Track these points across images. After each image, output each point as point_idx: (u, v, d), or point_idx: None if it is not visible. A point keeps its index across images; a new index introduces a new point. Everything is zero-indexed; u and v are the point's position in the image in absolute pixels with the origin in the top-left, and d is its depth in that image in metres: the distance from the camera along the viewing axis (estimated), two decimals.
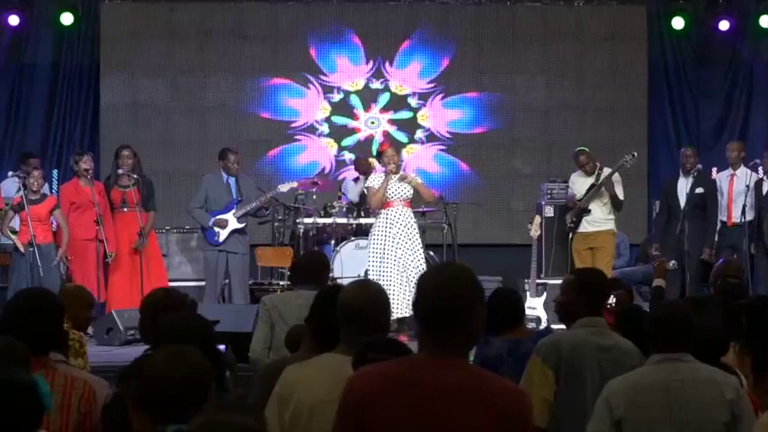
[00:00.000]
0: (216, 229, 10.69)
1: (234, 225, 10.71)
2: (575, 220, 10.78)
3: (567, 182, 11.16)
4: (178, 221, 11.84)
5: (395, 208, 10.03)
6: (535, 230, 10.91)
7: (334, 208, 11.67)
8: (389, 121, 13.62)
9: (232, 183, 10.86)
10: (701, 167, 11.08)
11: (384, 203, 10.03)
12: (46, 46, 13.27)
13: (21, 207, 10.05)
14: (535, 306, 10.39)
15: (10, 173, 11.13)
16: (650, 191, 13.26)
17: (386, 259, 9.92)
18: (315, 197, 11.90)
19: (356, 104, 13.61)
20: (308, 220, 11.56)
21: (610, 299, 5.89)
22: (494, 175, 13.59)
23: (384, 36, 13.61)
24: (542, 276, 10.85)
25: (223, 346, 5.24)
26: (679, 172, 11.12)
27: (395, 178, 10.00)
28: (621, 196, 10.75)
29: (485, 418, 2.82)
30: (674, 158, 12.37)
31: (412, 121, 13.63)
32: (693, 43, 13.76)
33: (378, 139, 13.37)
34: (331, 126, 13.58)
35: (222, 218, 10.69)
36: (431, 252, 11.81)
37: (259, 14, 13.55)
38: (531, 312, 10.13)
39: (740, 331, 5.12)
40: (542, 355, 4.62)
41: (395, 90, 13.64)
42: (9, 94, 13.20)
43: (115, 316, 9.77)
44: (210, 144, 12.68)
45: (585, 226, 10.74)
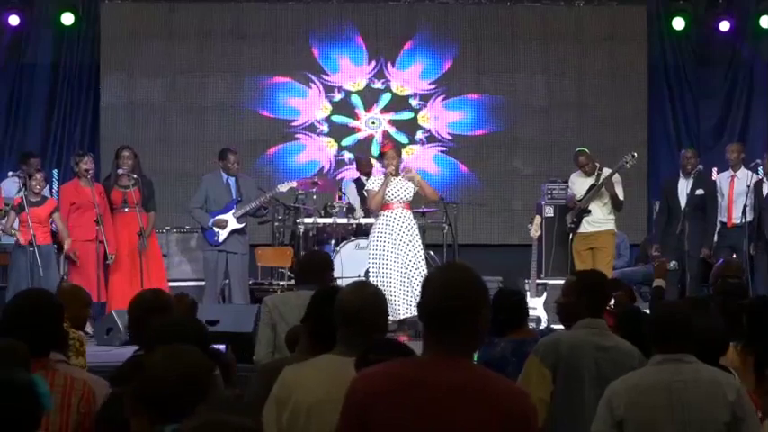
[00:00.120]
0: (215, 230, 10.69)
1: (233, 225, 10.70)
2: (575, 220, 10.78)
3: (567, 182, 11.16)
4: (178, 221, 11.83)
5: (394, 210, 9.99)
6: (535, 231, 10.91)
7: (334, 208, 11.66)
8: (390, 122, 13.62)
9: (232, 183, 10.86)
10: (701, 168, 11.07)
11: (384, 205, 9.99)
12: (46, 46, 13.27)
13: (21, 208, 10.04)
14: (535, 306, 10.38)
15: (10, 173, 11.12)
16: (650, 191, 13.25)
17: (385, 261, 9.89)
18: (315, 197, 11.90)
19: (357, 104, 13.61)
20: (309, 220, 11.56)
21: (610, 300, 5.90)
22: (494, 175, 13.58)
23: (384, 37, 13.60)
24: (542, 276, 10.85)
25: (223, 346, 5.24)
26: (679, 173, 11.12)
27: (395, 179, 9.99)
28: (621, 196, 10.75)
29: (489, 418, 2.82)
30: (675, 159, 12.37)
31: (412, 121, 13.63)
32: (693, 43, 13.75)
33: (377, 140, 13.36)
34: (331, 125, 13.58)
35: (222, 218, 10.69)
36: (431, 252, 11.80)
37: (258, 15, 13.55)
38: (532, 312, 10.06)
39: (740, 331, 5.12)
40: (540, 355, 4.63)
41: (396, 91, 13.64)
42: (9, 94, 13.20)
43: (115, 316, 9.75)
44: (210, 144, 12.68)
45: (586, 226, 10.73)
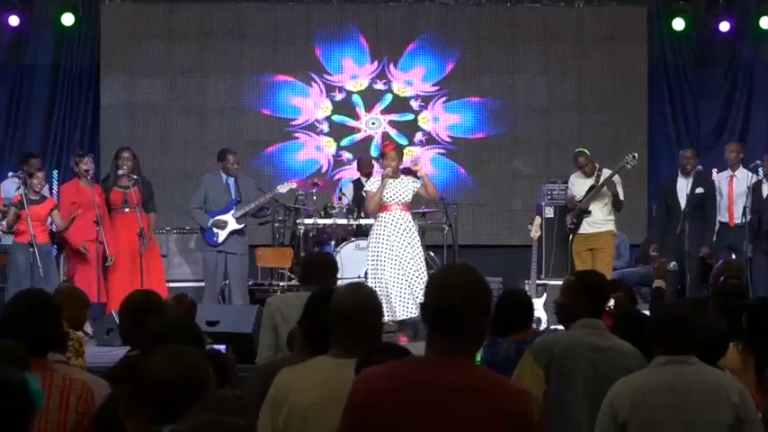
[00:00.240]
0: (215, 230, 10.68)
1: (233, 226, 10.69)
2: (575, 221, 10.77)
3: (567, 183, 11.15)
4: (178, 222, 11.82)
5: (392, 212, 9.92)
6: (535, 231, 10.91)
7: (334, 209, 11.66)
8: (390, 123, 13.61)
9: (231, 183, 10.85)
10: (701, 168, 11.08)
11: (381, 207, 9.93)
12: (46, 46, 13.27)
13: (21, 205, 10.04)
14: (536, 307, 10.36)
15: (10, 173, 11.11)
16: (650, 191, 13.25)
17: (383, 263, 9.83)
18: (315, 198, 11.90)
19: (358, 105, 13.60)
20: (309, 220, 11.55)
21: (609, 301, 5.89)
22: (494, 175, 13.58)
23: (384, 38, 13.59)
24: (542, 277, 10.85)
25: (223, 346, 5.24)
26: (678, 172, 11.13)
27: (393, 181, 9.94)
28: (622, 197, 10.75)
29: (490, 418, 2.82)
30: (675, 159, 12.34)
31: (412, 123, 13.62)
32: (694, 44, 13.75)
33: (377, 140, 13.36)
34: (331, 125, 13.57)
35: (221, 219, 10.68)
36: (431, 253, 11.80)
37: (259, 15, 13.54)
38: None
39: (740, 331, 5.11)
40: (534, 354, 4.62)
41: (397, 92, 13.63)
42: (9, 94, 13.19)
43: (115, 317, 9.70)
44: (210, 145, 12.66)
45: (585, 227, 10.73)
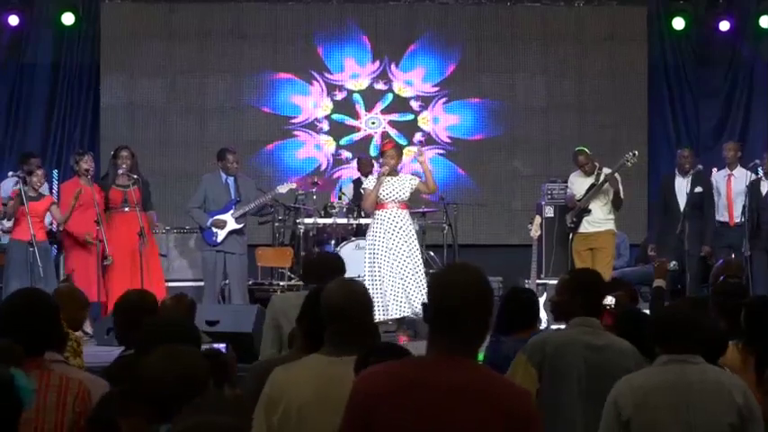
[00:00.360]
0: (214, 230, 10.68)
1: (232, 225, 10.69)
2: (575, 220, 10.77)
3: (567, 182, 11.14)
4: (178, 222, 11.82)
5: (388, 210, 9.90)
6: (535, 231, 10.90)
7: (334, 208, 11.66)
8: (390, 123, 13.60)
9: (231, 183, 10.85)
10: (701, 168, 11.09)
11: (378, 205, 9.91)
12: (46, 46, 13.28)
13: (20, 201, 10.05)
14: None
15: (10, 173, 11.11)
16: (650, 191, 13.26)
17: (379, 261, 9.80)
18: (315, 197, 11.90)
19: (359, 104, 13.60)
20: (309, 220, 11.56)
21: (609, 300, 5.88)
22: (494, 175, 13.58)
23: (384, 38, 13.58)
24: (542, 277, 10.84)
25: (223, 345, 5.24)
26: (675, 171, 11.15)
27: (391, 179, 9.93)
28: (622, 194, 10.75)
29: (490, 418, 2.82)
30: (674, 159, 12.32)
31: (412, 123, 13.61)
32: (694, 43, 13.75)
33: (376, 140, 13.35)
34: (331, 124, 13.57)
35: (220, 218, 10.68)
36: (431, 252, 11.81)
37: (259, 15, 13.55)
38: None
39: (740, 330, 5.11)
40: (527, 353, 4.60)
41: (398, 92, 13.63)
42: (9, 94, 13.20)
43: (114, 316, 9.71)
44: (210, 144, 12.66)
45: (586, 226, 10.72)
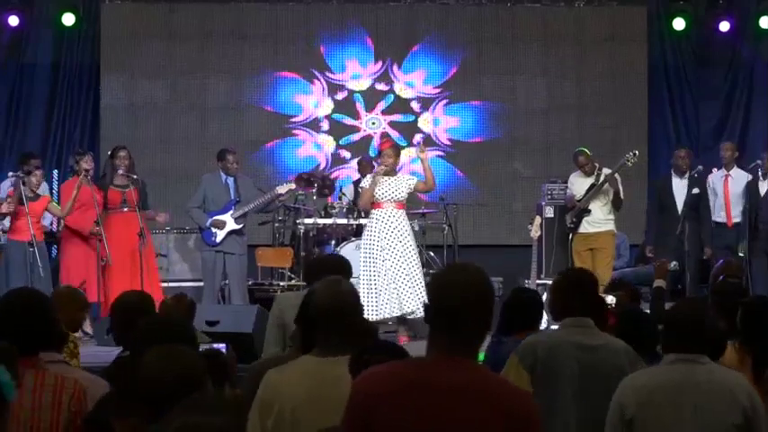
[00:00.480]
0: (213, 230, 10.69)
1: (231, 226, 10.69)
2: (575, 220, 10.77)
3: (567, 182, 11.14)
4: (178, 222, 11.81)
5: (384, 209, 9.88)
6: (535, 231, 10.90)
7: (334, 208, 11.66)
8: (390, 124, 13.60)
9: (231, 183, 10.85)
10: (701, 168, 11.11)
11: (374, 204, 9.91)
12: (46, 46, 13.27)
13: (20, 201, 10.05)
14: None
15: (10, 173, 11.10)
16: (650, 192, 13.22)
17: (374, 260, 9.76)
18: (315, 198, 11.90)
19: (360, 104, 13.59)
20: (309, 220, 11.55)
21: (609, 300, 5.88)
22: (494, 176, 13.57)
23: (385, 39, 13.57)
24: (542, 277, 10.83)
25: (223, 345, 5.24)
26: (671, 172, 11.18)
27: (389, 178, 9.90)
28: (622, 195, 10.75)
29: (490, 418, 2.82)
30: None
31: (412, 125, 13.60)
32: (694, 44, 13.75)
33: (375, 141, 13.34)
34: (332, 123, 13.56)
35: (220, 218, 10.68)
36: (431, 253, 11.80)
37: (259, 15, 13.54)
38: None
39: (737, 330, 5.10)
40: (519, 355, 4.57)
41: (399, 93, 13.62)
42: (9, 94, 13.19)
43: (112, 316, 9.70)
44: (210, 144, 12.66)
45: (586, 227, 10.72)
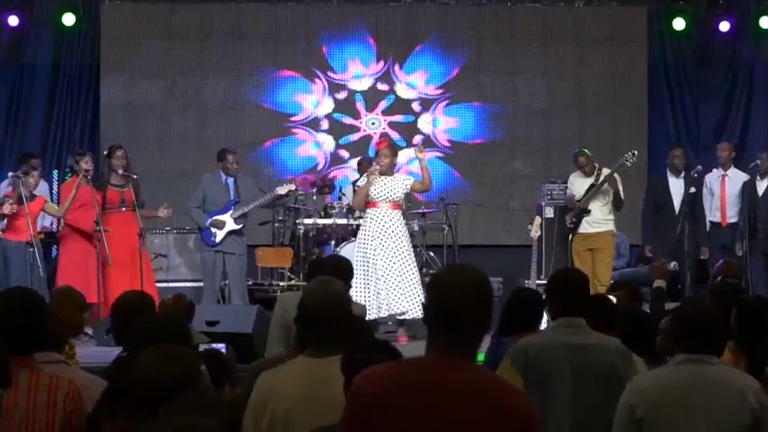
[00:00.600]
0: (213, 230, 10.69)
1: (231, 226, 10.69)
2: (575, 220, 10.77)
3: (567, 183, 11.14)
4: (178, 222, 11.81)
5: (379, 209, 9.87)
6: (535, 231, 10.89)
7: (334, 209, 11.66)
8: (390, 124, 13.59)
9: (230, 183, 10.85)
10: (701, 168, 11.13)
11: (369, 203, 9.90)
12: (46, 46, 13.27)
13: (20, 201, 10.05)
14: None
15: (10, 173, 11.10)
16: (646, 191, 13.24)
17: (365, 260, 9.75)
18: (315, 198, 11.89)
19: (360, 104, 13.59)
20: (309, 220, 11.56)
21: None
22: (494, 176, 13.57)
23: (386, 39, 13.57)
24: (542, 277, 10.80)
25: (223, 345, 5.25)
26: (666, 171, 11.19)
27: (385, 178, 9.89)
28: (622, 195, 10.75)
29: (489, 419, 2.82)
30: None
31: (412, 125, 13.60)
32: (694, 44, 13.75)
33: (374, 141, 13.34)
34: (331, 123, 13.56)
35: (219, 219, 10.68)
36: (431, 253, 11.80)
37: (259, 15, 13.54)
38: None
39: (730, 330, 5.10)
40: (511, 358, 4.57)
41: (400, 93, 13.61)
42: (9, 94, 13.19)
43: (112, 317, 9.68)
44: (210, 144, 12.67)
45: (585, 227, 10.72)
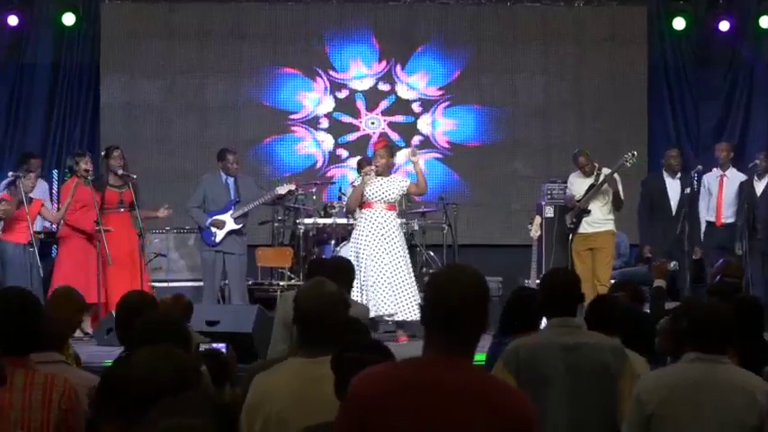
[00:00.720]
0: (212, 230, 10.69)
1: (231, 226, 10.70)
2: (575, 220, 10.77)
3: (566, 182, 11.14)
4: (178, 222, 11.81)
5: (374, 209, 9.87)
6: (535, 231, 10.90)
7: (334, 208, 11.67)
8: (389, 125, 13.59)
9: (231, 183, 10.85)
10: (701, 168, 11.14)
11: (365, 204, 9.91)
12: (46, 46, 13.26)
13: (21, 203, 10.06)
14: None
15: (10, 173, 11.11)
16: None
17: (357, 260, 9.69)
18: (315, 198, 11.90)
19: (361, 103, 13.59)
20: (308, 220, 11.56)
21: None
22: (494, 176, 13.56)
23: (386, 39, 13.56)
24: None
25: (223, 345, 5.25)
26: (662, 171, 11.21)
27: (381, 179, 9.89)
28: (622, 195, 10.76)
29: (488, 419, 2.82)
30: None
31: (412, 126, 13.59)
32: (693, 44, 13.74)
33: (373, 141, 13.33)
34: (331, 122, 13.55)
35: (219, 218, 10.68)
36: (431, 252, 11.81)
37: (259, 15, 13.53)
38: None
39: None
40: (504, 360, 4.57)
41: (401, 94, 13.60)
42: (9, 94, 13.18)
43: (115, 316, 9.70)
44: (210, 144, 12.66)
45: (585, 227, 10.72)
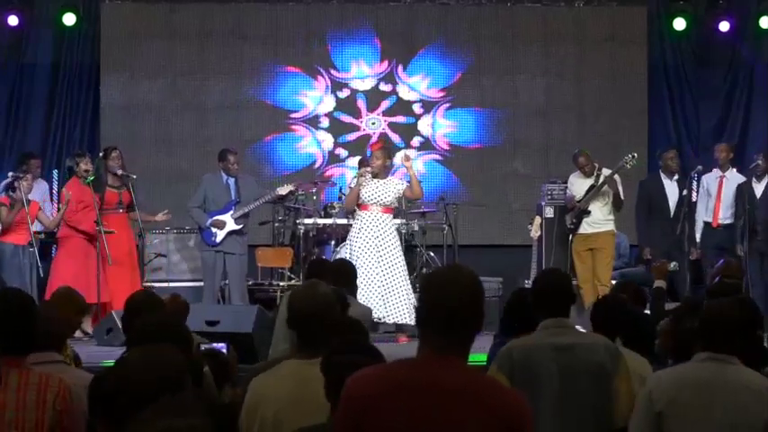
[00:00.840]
0: (213, 230, 10.69)
1: (231, 226, 10.70)
2: (575, 221, 10.77)
3: (566, 183, 11.15)
4: (178, 222, 11.80)
5: (370, 212, 9.88)
6: (535, 231, 10.90)
7: (334, 209, 11.67)
8: (389, 125, 13.59)
9: (231, 183, 10.86)
10: (701, 168, 11.14)
11: (361, 206, 9.92)
12: (46, 46, 13.26)
13: (22, 204, 10.07)
14: None
15: (10, 173, 11.11)
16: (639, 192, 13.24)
17: (355, 262, 9.74)
18: (315, 198, 11.90)
19: (362, 103, 13.59)
20: (309, 220, 11.56)
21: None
22: (494, 176, 13.56)
23: (386, 39, 13.56)
24: None
25: (223, 345, 5.26)
26: (659, 173, 11.21)
27: (378, 181, 9.87)
28: (622, 195, 10.77)
29: (483, 419, 2.83)
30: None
31: (412, 127, 13.59)
32: (694, 44, 13.74)
33: (371, 142, 13.32)
34: (331, 121, 13.54)
35: (220, 219, 10.69)
36: (431, 252, 11.80)
37: (259, 15, 13.54)
38: None
39: None
40: (497, 362, 4.57)
41: (402, 95, 13.60)
42: (9, 94, 13.18)
43: (115, 316, 9.72)
44: (210, 144, 12.67)
45: (585, 227, 10.73)
